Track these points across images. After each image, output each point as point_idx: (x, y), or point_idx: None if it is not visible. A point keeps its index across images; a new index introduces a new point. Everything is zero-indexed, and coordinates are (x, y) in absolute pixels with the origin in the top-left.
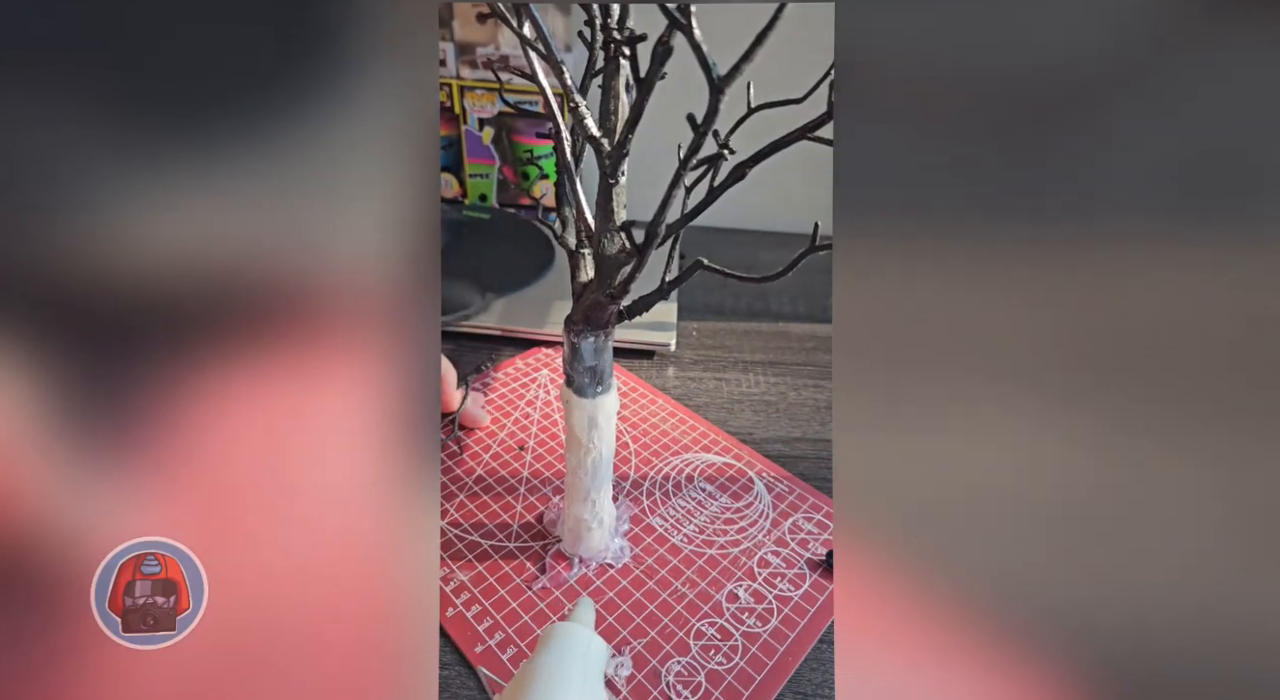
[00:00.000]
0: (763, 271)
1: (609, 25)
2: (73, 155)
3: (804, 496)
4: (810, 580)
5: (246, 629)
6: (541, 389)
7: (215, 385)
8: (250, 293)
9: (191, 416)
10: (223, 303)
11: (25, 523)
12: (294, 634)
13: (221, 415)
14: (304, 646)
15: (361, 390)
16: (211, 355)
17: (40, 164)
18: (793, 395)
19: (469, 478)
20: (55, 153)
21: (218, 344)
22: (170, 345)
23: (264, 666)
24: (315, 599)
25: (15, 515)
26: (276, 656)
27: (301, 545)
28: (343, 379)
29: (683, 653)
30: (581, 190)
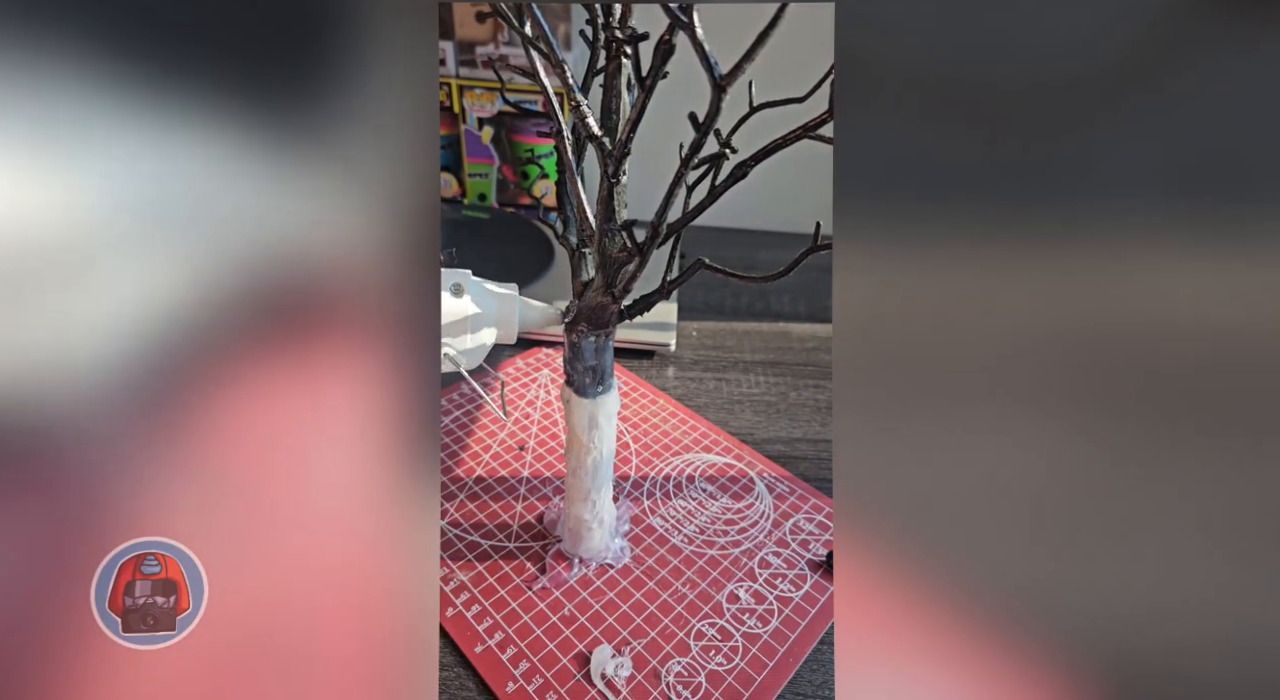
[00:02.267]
0: (763, 271)
1: (611, 24)
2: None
3: (805, 497)
4: (811, 581)
5: (246, 629)
6: (542, 389)
7: (215, 385)
8: (250, 293)
9: (191, 416)
10: (221, 304)
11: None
12: (294, 634)
13: (221, 415)
14: (304, 646)
15: (362, 390)
16: (211, 355)
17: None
18: (793, 395)
19: (469, 478)
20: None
21: (217, 344)
22: (169, 346)
23: (264, 666)
24: (315, 599)
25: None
26: (276, 656)
27: (302, 545)
28: (343, 379)
29: (683, 653)
30: (583, 189)
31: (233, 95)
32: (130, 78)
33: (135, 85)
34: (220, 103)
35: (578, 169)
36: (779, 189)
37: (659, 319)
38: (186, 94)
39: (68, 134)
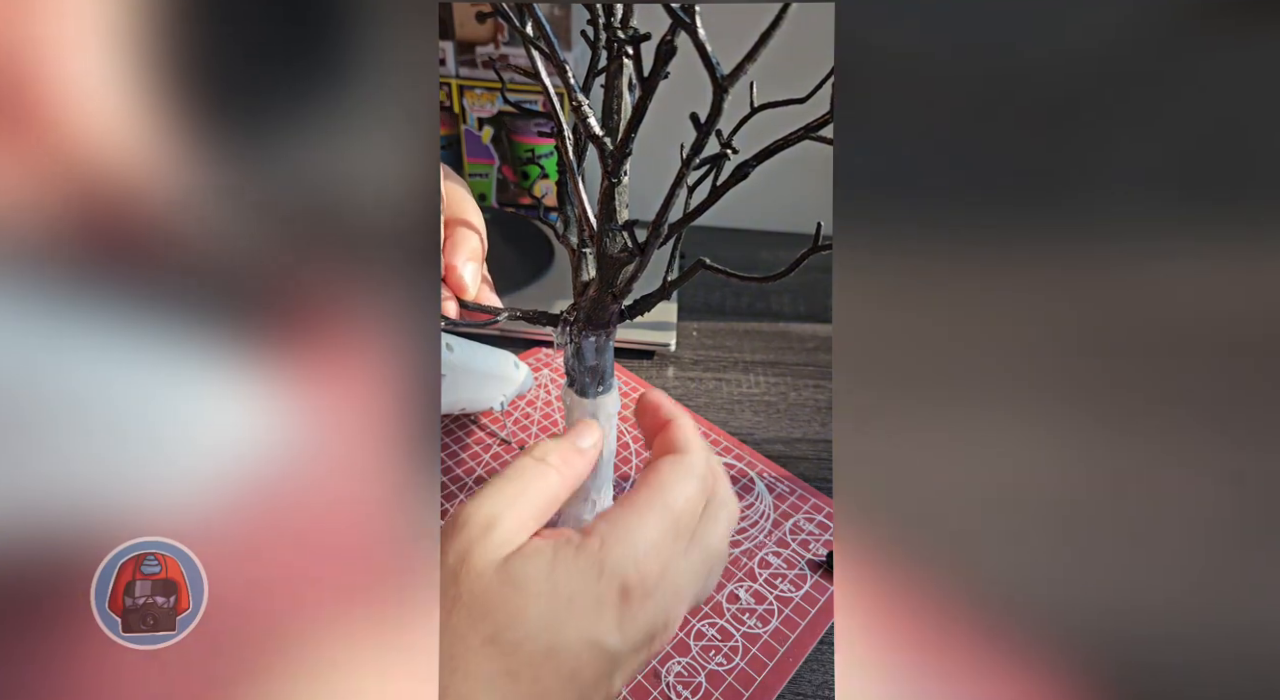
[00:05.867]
0: (763, 271)
1: (612, 24)
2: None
3: (805, 497)
4: (811, 581)
5: (246, 630)
6: (542, 389)
7: (214, 384)
8: (247, 291)
9: (191, 417)
10: (218, 301)
11: (27, 520)
12: (294, 635)
13: (220, 414)
14: (304, 648)
15: (361, 389)
16: (210, 355)
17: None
18: (793, 395)
19: (469, 478)
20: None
21: (216, 343)
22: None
23: (264, 667)
24: (315, 599)
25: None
26: (276, 657)
27: (301, 546)
28: (342, 378)
29: (683, 653)
30: (584, 189)
31: (228, 97)
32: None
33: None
34: (217, 105)
35: (579, 169)
36: (779, 189)
37: (659, 319)
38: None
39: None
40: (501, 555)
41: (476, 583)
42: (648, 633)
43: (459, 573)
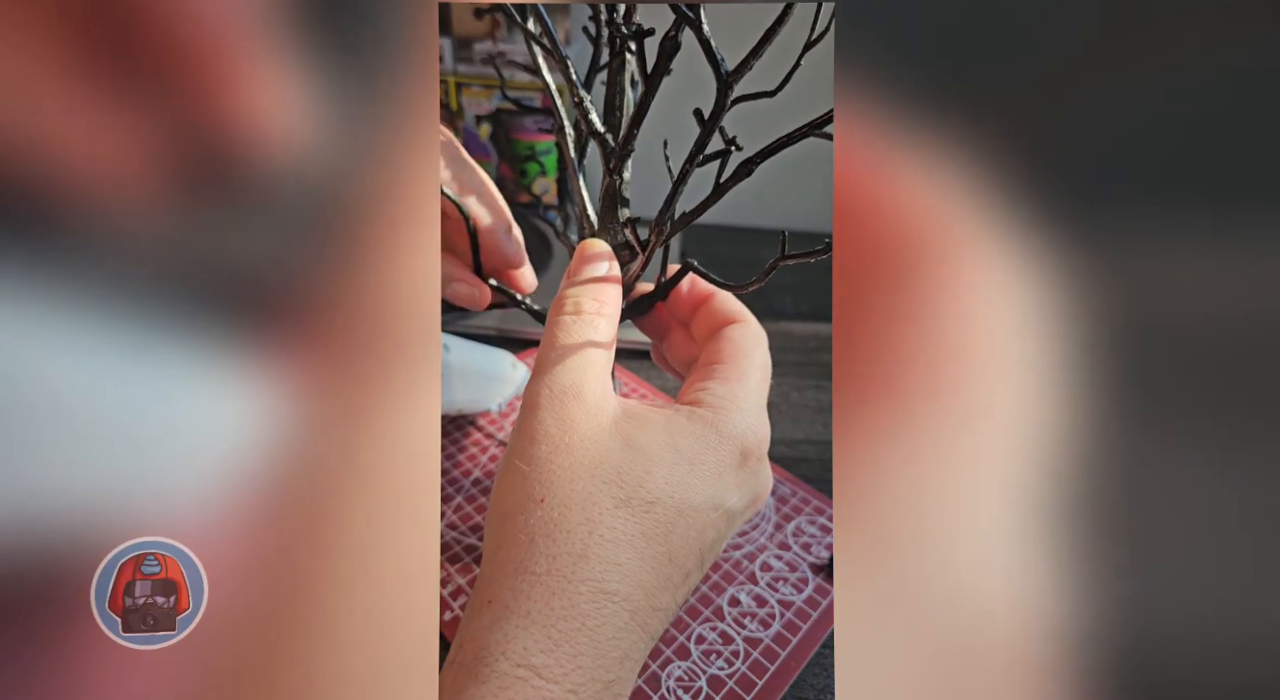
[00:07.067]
0: (764, 272)
1: (615, 20)
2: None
3: (807, 499)
4: (814, 584)
5: (246, 630)
6: None
7: (215, 384)
8: (248, 291)
9: (191, 416)
10: (218, 300)
11: (27, 520)
12: (293, 635)
13: (221, 414)
14: (303, 648)
15: (360, 389)
16: (211, 355)
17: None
18: (795, 396)
19: (466, 480)
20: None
21: (216, 343)
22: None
23: (264, 667)
24: (315, 600)
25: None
26: (276, 657)
27: (300, 547)
28: (340, 378)
29: (683, 657)
30: (585, 187)
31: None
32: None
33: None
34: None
35: (580, 166)
36: (779, 187)
37: None
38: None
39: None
40: (607, 420)
41: (594, 449)
42: (756, 493)
43: (569, 441)
